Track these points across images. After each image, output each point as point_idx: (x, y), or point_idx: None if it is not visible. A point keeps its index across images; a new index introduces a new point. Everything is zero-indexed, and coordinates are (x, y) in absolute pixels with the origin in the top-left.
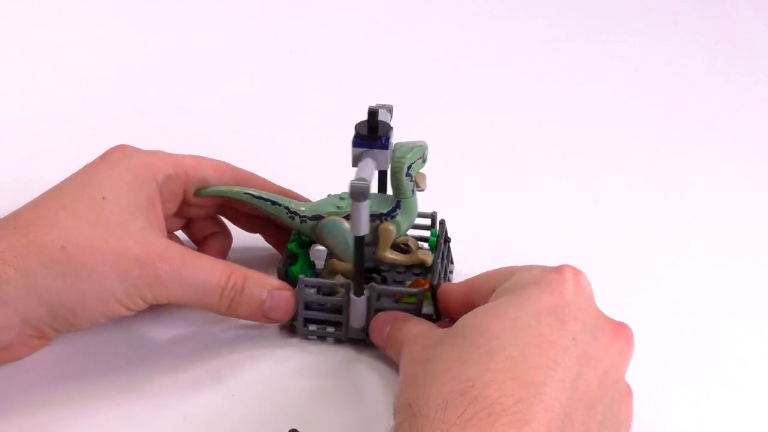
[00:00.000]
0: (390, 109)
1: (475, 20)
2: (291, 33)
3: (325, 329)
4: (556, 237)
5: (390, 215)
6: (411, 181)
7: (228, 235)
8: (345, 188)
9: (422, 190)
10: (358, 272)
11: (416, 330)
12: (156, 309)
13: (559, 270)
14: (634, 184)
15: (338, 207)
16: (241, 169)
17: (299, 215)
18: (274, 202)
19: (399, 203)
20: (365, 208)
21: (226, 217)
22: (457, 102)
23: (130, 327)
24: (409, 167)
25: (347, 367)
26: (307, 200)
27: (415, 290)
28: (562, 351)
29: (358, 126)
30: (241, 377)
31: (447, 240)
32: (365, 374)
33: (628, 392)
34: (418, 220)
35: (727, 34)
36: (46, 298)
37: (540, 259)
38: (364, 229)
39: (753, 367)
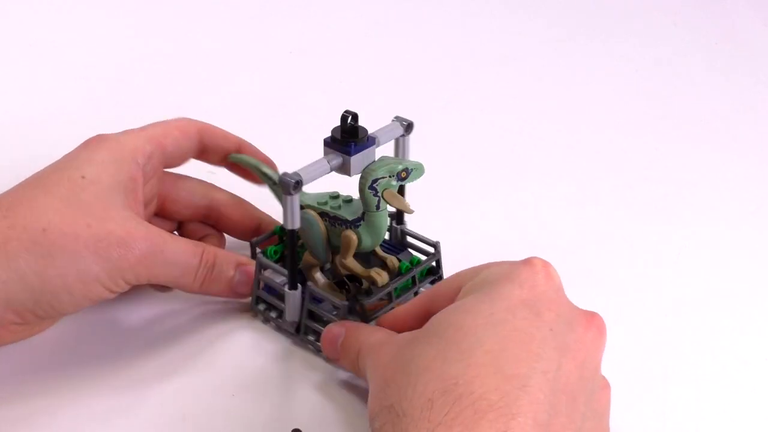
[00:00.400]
0: (404, 123)
1: (475, 20)
2: (291, 33)
3: (269, 313)
4: (556, 237)
5: (354, 224)
6: (375, 195)
7: (221, 237)
8: (343, 187)
9: (405, 212)
10: (291, 265)
11: (376, 336)
12: (127, 295)
13: (528, 262)
14: (634, 184)
15: (318, 203)
16: (198, 121)
17: None
18: (275, 182)
19: (364, 215)
20: (293, 203)
21: (212, 224)
22: (457, 102)
23: (92, 314)
24: (375, 181)
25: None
26: (267, 157)
27: (338, 302)
28: (541, 343)
29: (334, 128)
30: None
31: (433, 271)
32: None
33: (605, 384)
34: (422, 245)
35: (727, 34)
36: (29, 282)
37: None
38: (291, 223)
39: (753, 367)
